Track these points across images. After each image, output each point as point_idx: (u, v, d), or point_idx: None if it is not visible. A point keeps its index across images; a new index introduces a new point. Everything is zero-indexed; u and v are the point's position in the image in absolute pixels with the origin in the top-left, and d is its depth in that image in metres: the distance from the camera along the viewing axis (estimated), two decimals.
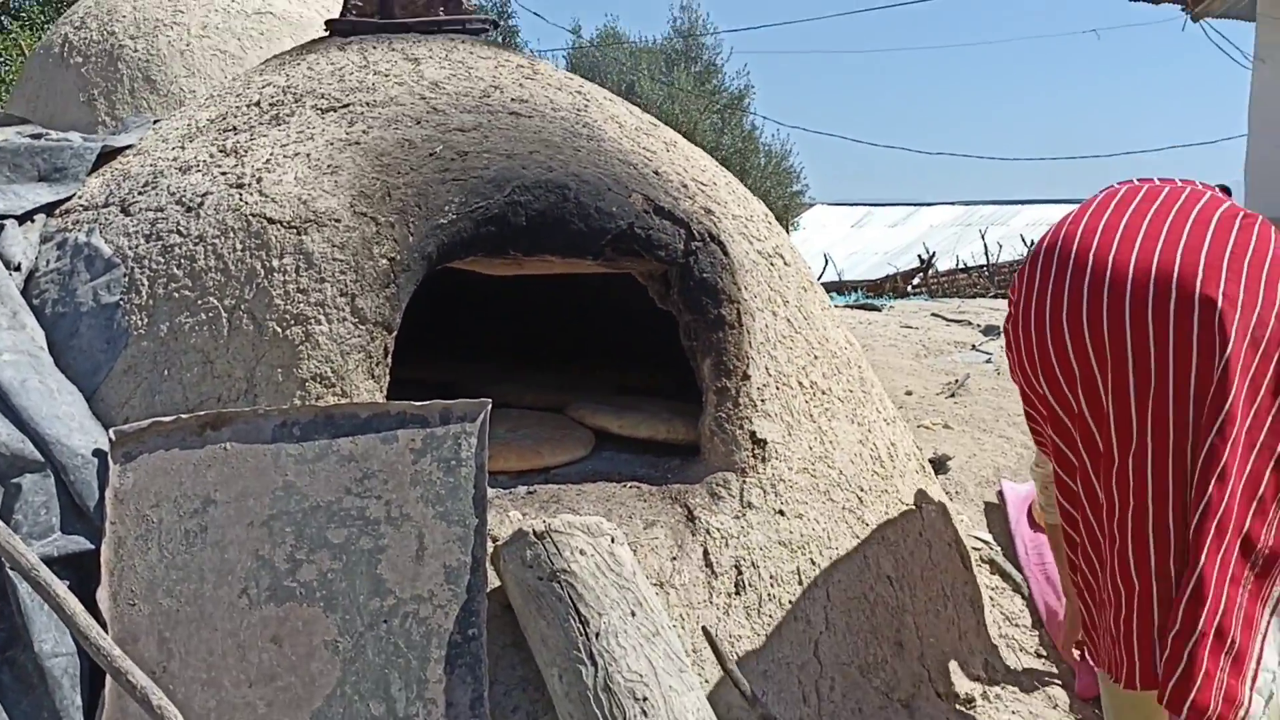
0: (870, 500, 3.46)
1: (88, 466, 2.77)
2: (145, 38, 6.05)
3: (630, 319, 4.42)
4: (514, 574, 2.75)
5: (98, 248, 3.20)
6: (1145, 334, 2.48)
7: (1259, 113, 14.94)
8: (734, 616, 3.07)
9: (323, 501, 2.76)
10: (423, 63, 3.76)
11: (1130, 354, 2.50)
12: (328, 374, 2.94)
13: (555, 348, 5.06)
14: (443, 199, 3.16)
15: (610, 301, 4.64)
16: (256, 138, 3.41)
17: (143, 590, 2.65)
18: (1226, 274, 2.48)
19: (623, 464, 3.45)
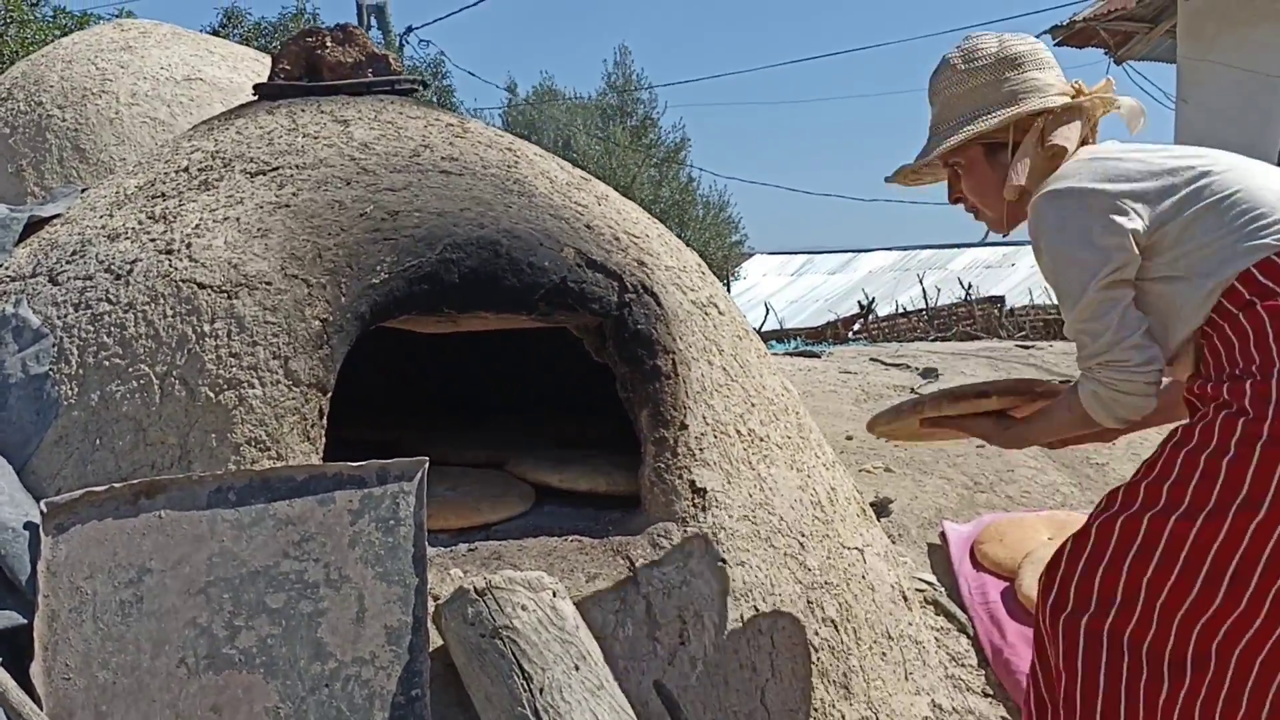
0: (812, 545, 3.47)
1: (19, 540, 2.73)
2: (74, 107, 6.02)
3: (567, 372, 4.42)
4: (456, 632, 2.74)
5: (25, 318, 3.18)
6: None
7: None
8: (679, 667, 3.06)
9: (260, 566, 2.73)
10: (352, 124, 3.77)
11: None
12: (262, 438, 2.92)
13: (493, 402, 5.05)
14: (374, 259, 3.16)
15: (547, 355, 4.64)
16: (185, 203, 3.40)
17: (78, 664, 2.61)
18: None
19: (564, 518, 3.45)
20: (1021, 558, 4.05)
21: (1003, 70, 2.72)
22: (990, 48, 2.75)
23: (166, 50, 6.49)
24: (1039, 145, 2.68)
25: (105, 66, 6.26)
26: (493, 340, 4.26)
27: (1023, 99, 2.69)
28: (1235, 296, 2.42)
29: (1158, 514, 2.41)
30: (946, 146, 2.73)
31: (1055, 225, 2.57)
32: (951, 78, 2.77)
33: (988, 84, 2.72)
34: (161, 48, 6.51)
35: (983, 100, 2.71)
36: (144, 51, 6.43)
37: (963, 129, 2.71)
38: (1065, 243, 2.55)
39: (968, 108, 2.73)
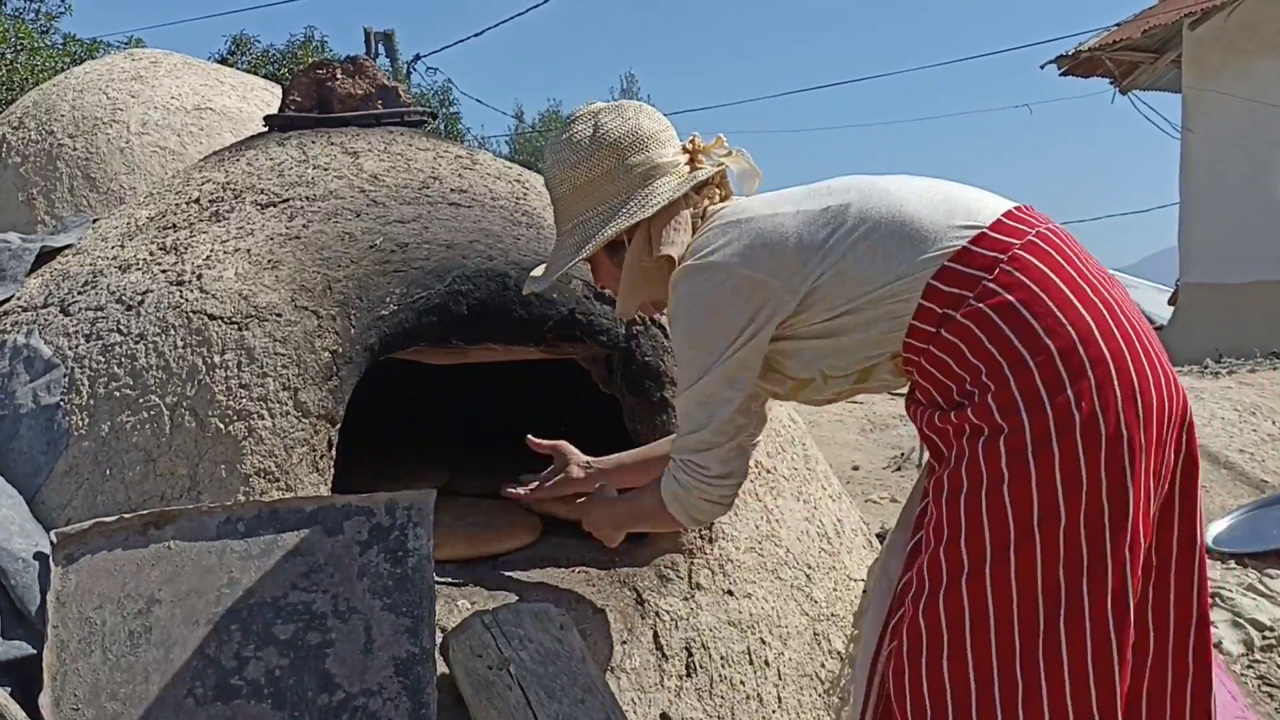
0: (818, 577, 3.47)
1: (29, 570, 2.74)
2: (84, 136, 6.06)
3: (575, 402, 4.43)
4: (463, 664, 2.74)
5: (37, 349, 3.20)
6: None
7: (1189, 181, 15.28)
8: (686, 699, 3.06)
9: (269, 597, 2.74)
10: (362, 156, 3.79)
11: None
12: (271, 469, 2.94)
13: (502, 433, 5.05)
14: (384, 290, 3.18)
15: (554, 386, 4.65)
16: (196, 234, 3.43)
17: (86, 694, 2.61)
18: None
19: (571, 549, 3.45)
20: None
21: (616, 157, 2.50)
22: (593, 131, 2.52)
23: (177, 80, 6.54)
24: (643, 254, 2.53)
25: (116, 96, 6.31)
26: (501, 371, 4.28)
27: (643, 195, 2.50)
28: (927, 315, 2.27)
29: (971, 576, 2.20)
30: (577, 259, 2.54)
31: (688, 302, 2.42)
32: (563, 172, 2.54)
33: (604, 175, 2.51)
34: (172, 77, 6.56)
35: (601, 196, 2.51)
36: (155, 81, 6.48)
37: (592, 238, 2.51)
38: (694, 322, 2.42)
39: (586, 205, 2.53)
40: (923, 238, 2.29)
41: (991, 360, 2.19)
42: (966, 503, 2.20)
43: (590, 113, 2.55)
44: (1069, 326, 2.18)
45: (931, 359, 2.28)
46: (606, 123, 2.52)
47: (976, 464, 2.20)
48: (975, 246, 2.26)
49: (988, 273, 2.23)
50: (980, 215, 2.32)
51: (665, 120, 2.58)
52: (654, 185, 2.50)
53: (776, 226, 2.40)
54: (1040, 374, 2.16)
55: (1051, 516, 2.14)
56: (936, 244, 2.28)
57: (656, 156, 2.51)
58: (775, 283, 2.36)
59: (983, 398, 2.20)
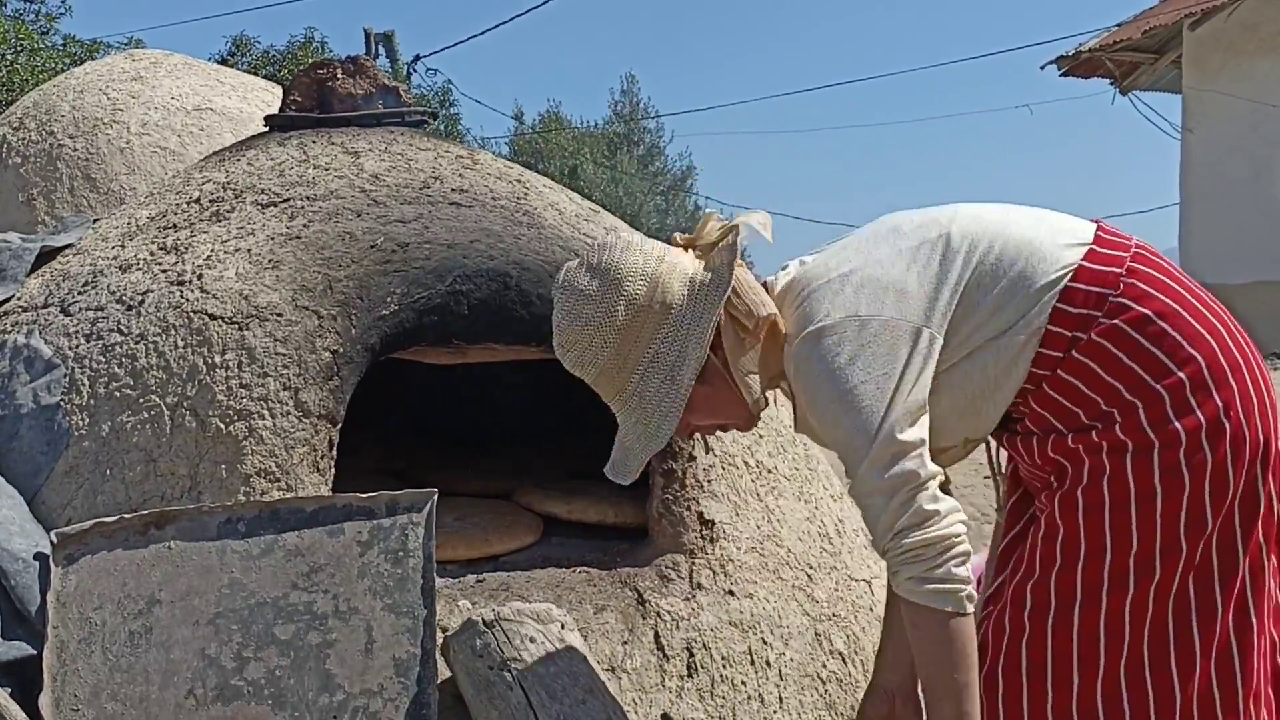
0: (819, 577, 3.47)
1: (29, 570, 2.73)
2: (84, 136, 6.06)
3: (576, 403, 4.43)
4: (464, 664, 2.74)
5: (37, 349, 3.19)
6: None
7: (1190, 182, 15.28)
8: (687, 699, 3.06)
9: (269, 597, 2.74)
10: (362, 156, 3.79)
11: None
12: (272, 469, 2.93)
13: (502, 432, 5.05)
14: (384, 290, 3.17)
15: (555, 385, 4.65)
16: (197, 234, 3.42)
17: (87, 695, 2.61)
18: None
19: (572, 549, 3.45)
20: None
21: (640, 308, 2.19)
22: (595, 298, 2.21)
23: (177, 80, 6.54)
24: (742, 331, 2.22)
25: (116, 96, 6.31)
26: (501, 370, 4.28)
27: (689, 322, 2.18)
28: (1054, 340, 2.16)
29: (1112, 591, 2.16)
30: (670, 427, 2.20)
31: (825, 366, 2.13)
32: (595, 338, 2.22)
33: (630, 324, 2.19)
34: (172, 78, 6.56)
35: (645, 350, 2.20)
36: (155, 81, 6.47)
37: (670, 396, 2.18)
38: (841, 383, 2.11)
39: (631, 365, 2.21)
40: (1040, 258, 2.18)
41: (1133, 377, 2.13)
42: (1112, 518, 2.14)
43: (575, 292, 2.24)
44: (1206, 335, 2.15)
45: (1057, 384, 2.19)
46: (599, 292, 2.21)
47: (1123, 480, 2.13)
48: (1091, 264, 2.18)
49: (1113, 289, 2.16)
50: (1082, 232, 2.24)
51: (638, 237, 2.31)
52: (689, 320, 2.19)
53: (885, 270, 2.19)
54: (1190, 385, 2.12)
55: (1198, 526, 2.12)
56: (1055, 264, 2.18)
57: (667, 284, 2.21)
58: (913, 322, 2.15)
59: (1128, 415, 2.12)
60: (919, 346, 2.13)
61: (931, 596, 2.08)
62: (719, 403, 2.26)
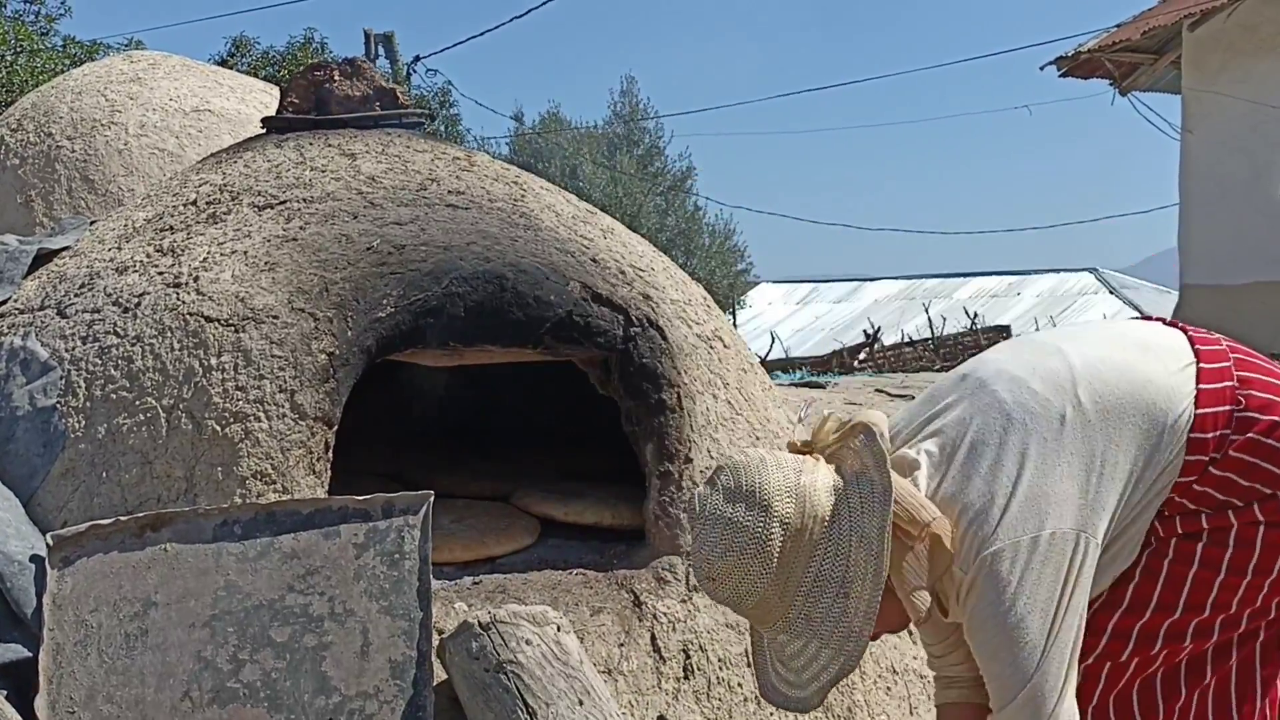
0: None
1: (24, 573, 2.73)
2: (83, 138, 6.05)
3: (572, 405, 4.43)
4: (460, 666, 2.74)
5: (34, 351, 3.19)
6: None
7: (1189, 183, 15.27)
8: (683, 701, 3.06)
9: (265, 600, 2.74)
10: (359, 158, 3.79)
11: None
12: (268, 471, 2.93)
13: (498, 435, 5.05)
14: (381, 292, 3.17)
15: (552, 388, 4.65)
16: (193, 236, 3.42)
17: (83, 698, 2.61)
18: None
19: (569, 551, 3.45)
20: None
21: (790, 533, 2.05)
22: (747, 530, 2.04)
23: (175, 82, 6.53)
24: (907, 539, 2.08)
25: (114, 98, 6.30)
26: (498, 373, 4.27)
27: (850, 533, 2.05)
28: (1191, 468, 2.17)
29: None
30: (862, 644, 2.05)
31: (998, 599, 2.05)
32: (752, 567, 2.04)
33: (791, 551, 2.05)
34: (170, 79, 6.55)
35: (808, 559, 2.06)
36: (153, 83, 6.46)
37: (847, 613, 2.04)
38: (1011, 617, 2.05)
39: (791, 590, 2.06)
40: (1166, 397, 2.16)
41: (1271, 476, 2.16)
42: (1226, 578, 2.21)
43: (722, 521, 2.07)
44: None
45: (1191, 495, 2.19)
46: (749, 521, 2.04)
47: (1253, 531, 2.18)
48: (1207, 384, 2.18)
49: (1234, 404, 2.17)
50: (1183, 351, 2.24)
51: (765, 454, 2.14)
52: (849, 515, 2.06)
53: (1044, 479, 2.09)
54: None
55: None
56: (1180, 399, 2.16)
57: (812, 505, 2.06)
58: (1075, 529, 2.09)
59: (1266, 501, 2.17)
60: (1079, 554, 2.08)
61: None
62: (882, 613, 2.09)
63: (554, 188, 4.15)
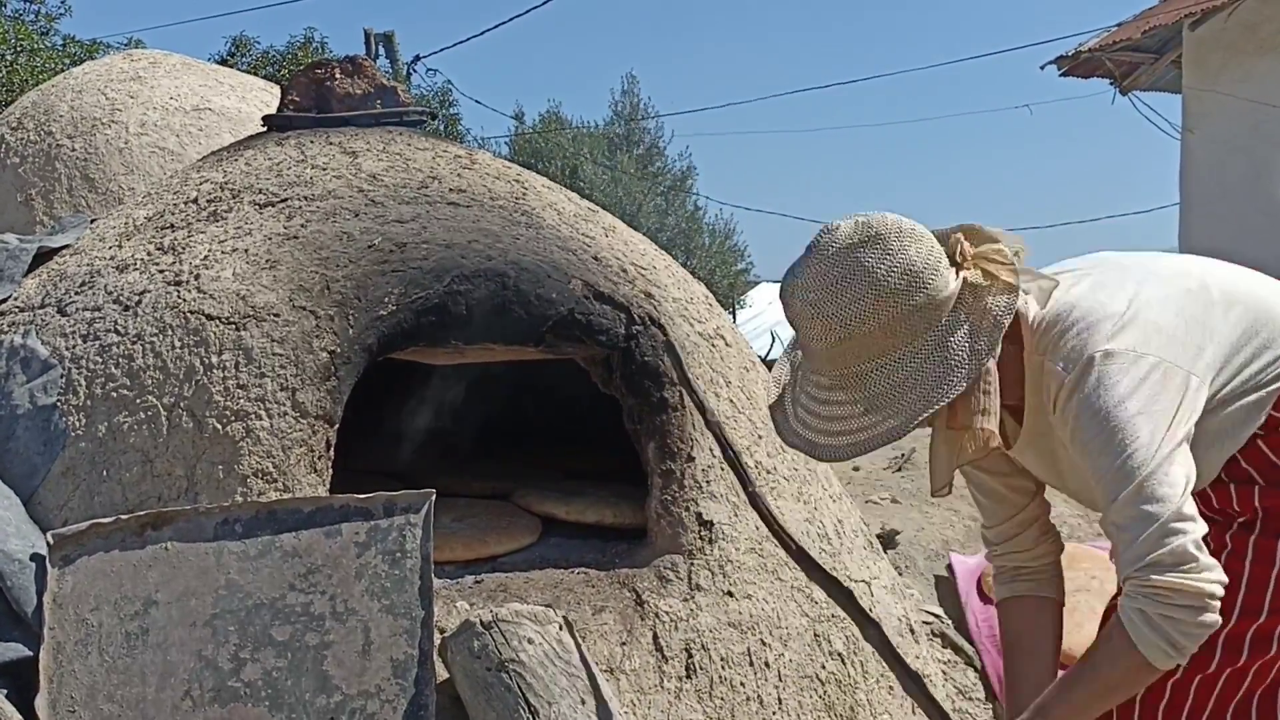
0: (819, 578, 3.46)
1: (25, 571, 2.72)
2: (83, 136, 6.04)
3: (574, 403, 4.43)
4: (462, 665, 2.73)
5: (34, 349, 3.18)
6: None
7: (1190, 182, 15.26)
8: (685, 700, 3.05)
9: (266, 599, 2.73)
10: (360, 155, 3.78)
11: None
12: (269, 469, 2.92)
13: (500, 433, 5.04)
14: (382, 290, 3.16)
15: (554, 386, 4.65)
16: (194, 234, 3.41)
17: (83, 696, 2.60)
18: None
19: (570, 550, 3.44)
20: None
21: (906, 297, 2.01)
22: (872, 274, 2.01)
23: (176, 80, 6.52)
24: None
25: (115, 96, 6.29)
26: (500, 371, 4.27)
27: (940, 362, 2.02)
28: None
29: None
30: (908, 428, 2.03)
31: (1113, 387, 2.02)
32: (841, 319, 2.01)
33: (893, 320, 2.01)
34: (171, 78, 6.54)
35: (897, 341, 2.02)
36: (153, 81, 6.46)
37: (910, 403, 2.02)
38: (1132, 403, 2.02)
39: (871, 350, 2.03)
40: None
41: None
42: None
43: (844, 249, 2.03)
44: None
45: (1275, 444, 2.17)
46: (876, 265, 2.01)
47: None
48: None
49: None
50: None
51: (922, 229, 2.10)
52: (951, 343, 2.03)
53: (1158, 314, 2.12)
54: None
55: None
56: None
57: (938, 291, 2.03)
58: (1184, 369, 2.08)
59: None
60: (1189, 393, 2.06)
61: (1150, 646, 1.98)
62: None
63: (555, 186, 4.14)
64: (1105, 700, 2.09)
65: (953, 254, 2.09)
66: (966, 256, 2.09)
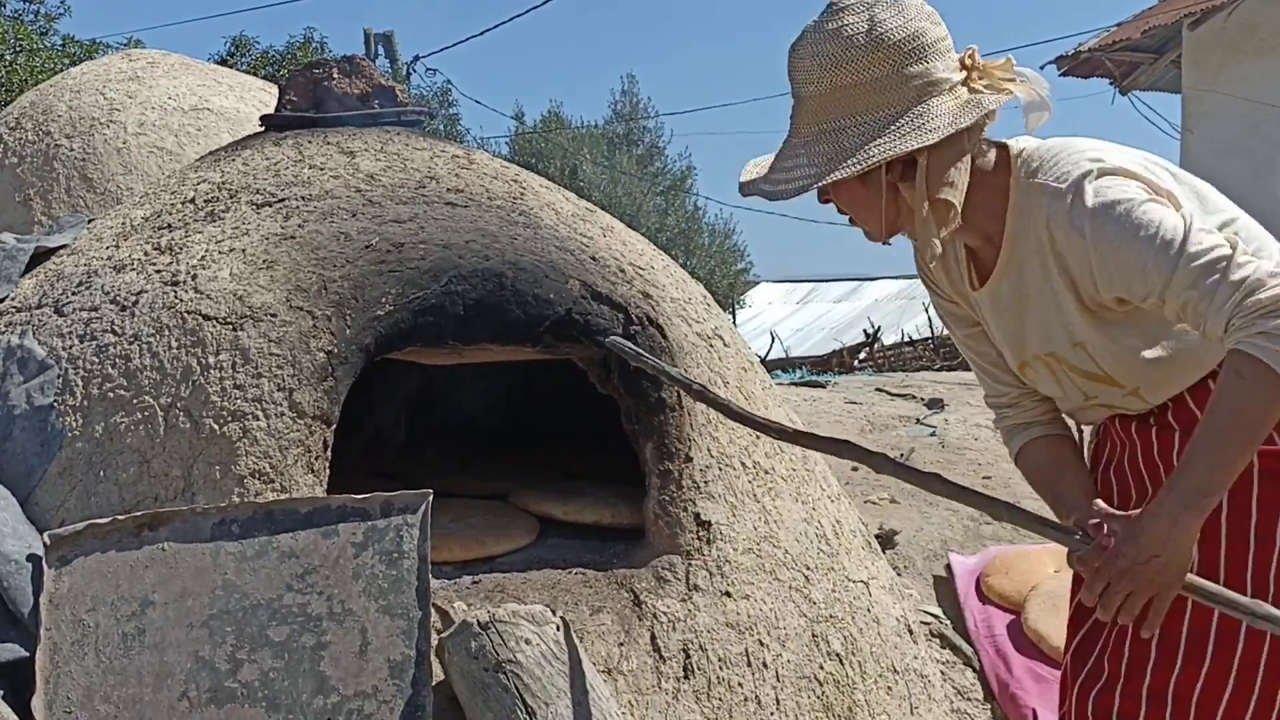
0: (817, 578, 3.46)
1: (21, 572, 2.72)
2: (81, 136, 6.04)
3: (572, 403, 4.42)
4: (459, 666, 2.73)
5: (31, 349, 3.18)
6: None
7: None
8: (683, 701, 3.05)
9: (263, 599, 2.73)
10: (358, 155, 3.78)
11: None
12: (266, 469, 2.92)
13: (497, 434, 5.04)
14: (379, 290, 3.16)
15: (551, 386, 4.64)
16: (191, 235, 3.41)
17: (80, 697, 2.60)
18: None
19: (568, 550, 3.44)
20: (1028, 590, 4.03)
21: (893, 62, 2.05)
22: (868, 27, 2.06)
23: (174, 80, 6.52)
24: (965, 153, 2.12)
25: (113, 96, 6.29)
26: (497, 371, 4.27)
27: (918, 115, 2.06)
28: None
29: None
30: (833, 177, 2.07)
31: (1114, 188, 2.04)
32: (821, 69, 2.08)
33: (873, 82, 2.05)
34: (169, 78, 6.54)
35: (866, 105, 2.06)
36: (152, 81, 6.46)
37: (853, 154, 2.06)
38: (1138, 195, 2.02)
39: (843, 112, 2.08)
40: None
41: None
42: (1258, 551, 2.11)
43: (864, 2, 2.07)
44: None
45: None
46: (885, 19, 2.05)
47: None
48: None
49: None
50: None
51: (944, 25, 2.13)
52: (932, 105, 2.06)
53: (1135, 166, 2.10)
54: None
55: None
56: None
57: (936, 70, 2.07)
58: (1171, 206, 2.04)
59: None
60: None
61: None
62: (855, 205, 2.16)
63: (553, 186, 4.14)
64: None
65: (965, 60, 2.13)
66: (977, 64, 2.13)
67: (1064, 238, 2.08)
